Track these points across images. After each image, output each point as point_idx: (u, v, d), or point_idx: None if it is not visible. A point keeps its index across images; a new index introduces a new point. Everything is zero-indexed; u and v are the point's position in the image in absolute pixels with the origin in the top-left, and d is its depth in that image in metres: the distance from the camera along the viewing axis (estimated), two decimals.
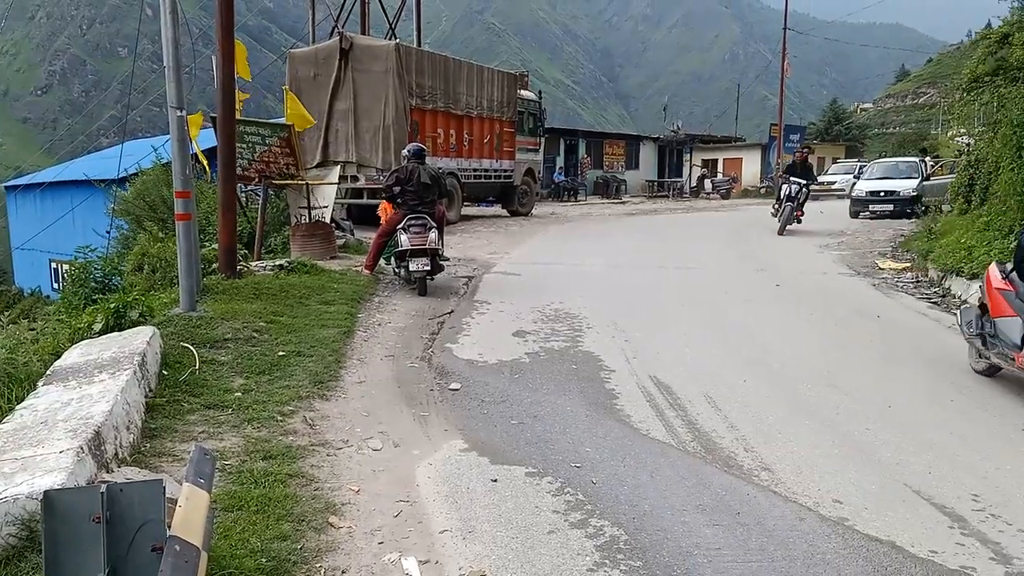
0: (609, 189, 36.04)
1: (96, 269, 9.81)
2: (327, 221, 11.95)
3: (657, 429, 4.98)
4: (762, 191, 37.10)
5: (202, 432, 4.59)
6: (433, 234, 9.12)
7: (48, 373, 4.74)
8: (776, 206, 16.97)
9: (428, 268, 9.13)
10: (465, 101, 18.07)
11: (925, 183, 19.76)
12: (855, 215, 20.09)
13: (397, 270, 9.66)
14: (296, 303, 7.92)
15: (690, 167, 41.26)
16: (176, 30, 7.19)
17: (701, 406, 5.40)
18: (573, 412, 5.27)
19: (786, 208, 16.06)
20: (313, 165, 15.44)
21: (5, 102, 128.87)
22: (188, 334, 6.35)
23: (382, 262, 10.22)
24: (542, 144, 23.35)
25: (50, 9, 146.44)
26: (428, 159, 10.11)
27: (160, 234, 11.56)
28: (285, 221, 12.73)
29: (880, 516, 3.76)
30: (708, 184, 37.71)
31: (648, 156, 41.93)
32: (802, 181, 16.21)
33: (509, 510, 3.80)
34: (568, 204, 30.45)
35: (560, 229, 18.67)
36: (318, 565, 3.26)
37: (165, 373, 5.39)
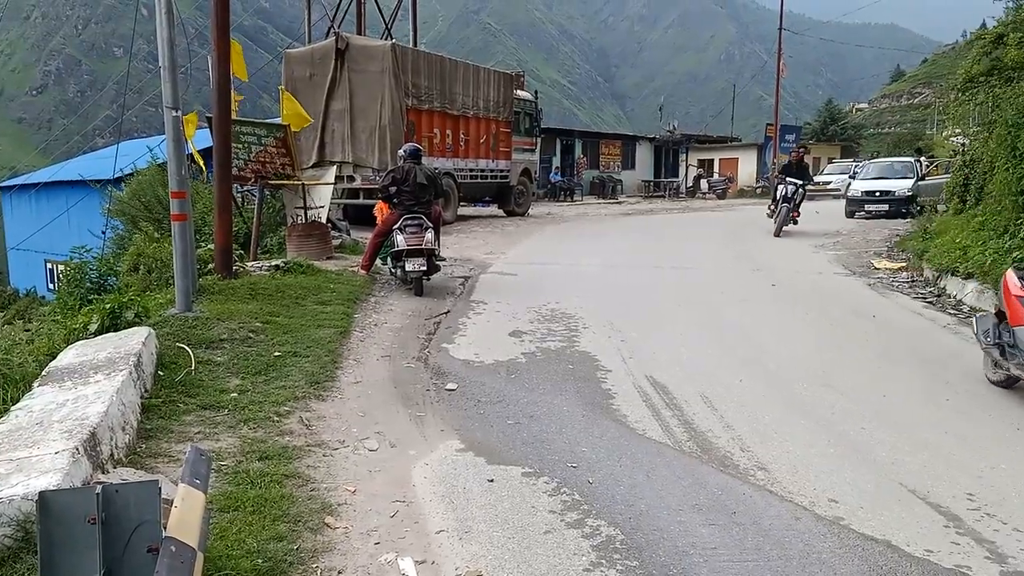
0: (605, 189, 36.06)
1: (92, 269, 9.80)
2: (323, 221, 11.94)
3: (653, 429, 4.99)
4: (758, 191, 37.19)
5: (198, 433, 4.59)
6: (429, 234, 9.12)
7: (43, 374, 4.72)
8: (772, 207, 16.58)
9: (424, 268, 9.12)
10: (461, 101, 18.06)
11: (920, 183, 19.82)
12: (851, 215, 20.14)
13: (393, 270, 9.65)
14: (292, 303, 7.91)
15: (686, 167, 41.34)
16: (172, 30, 7.18)
17: (697, 406, 5.41)
18: (569, 412, 5.28)
19: (782, 209, 15.70)
20: (309, 165, 15.44)
21: (0, 102, 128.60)
22: (184, 335, 6.34)
23: (378, 262, 10.20)
24: (538, 144, 23.34)
25: (45, 9, 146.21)
26: (424, 159, 10.11)
27: (156, 234, 11.56)
28: (281, 221, 12.72)
29: (876, 515, 3.77)
30: (704, 184, 37.78)
31: (644, 156, 41.97)
32: (798, 181, 15.85)
33: (505, 510, 3.81)
34: (564, 204, 30.45)
35: (556, 229, 18.67)
36: (314, 566, 3.26)
37: (161, 374, 5.38)
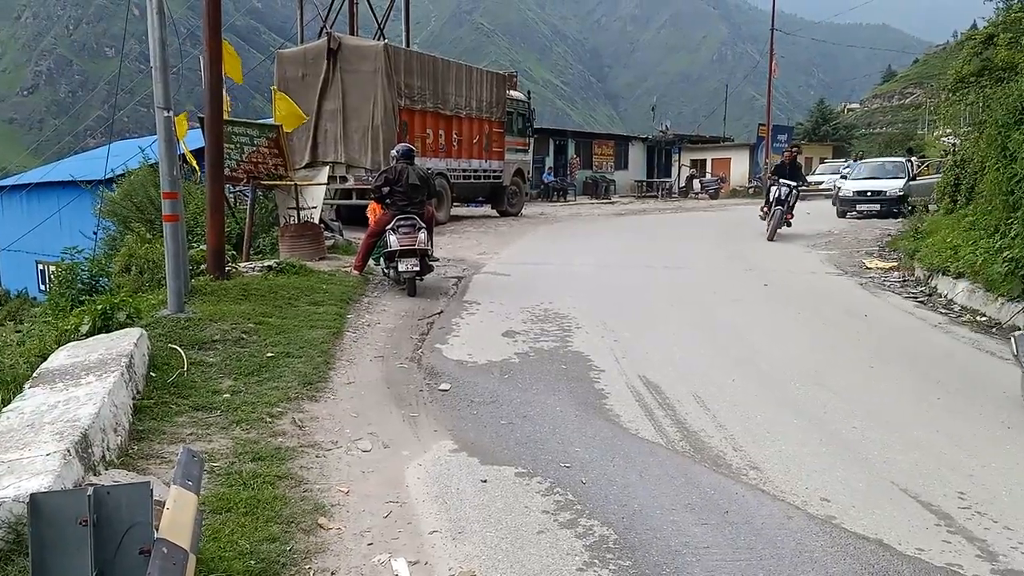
0: (598, 189, 36.12)
1: (83, 270, 9.76)
2: (316, 222, 11.92)
3: (646, 429, 4.99)
4: (750, 191, 37.30)
5: (190, 434, 4.58)
6: (422, 235, 9.11)
7: (35, 375, 4.71)
8: (765, 209, 16.07)
9: (417, 269, 9.12)
10: (454, 101, 18.06)
11: (912, 183, 19.91)
12: (842, 215, 20.22)
13: (386, 271, 9.64)
14: (285, 304, 7.90)
15: (679, 167, 41.41)
16: (163, 30, 7.16)
17: (690, 405, 5.42)
18: (563, 412, 5.28)
19: (775, 212, 15.25)
20: (302, 166, 15.42)
21: None
22: (176, 336, 6.33)
23: (371, 263, 10.19)
24: (531, 144, 23.36)
25: (36, 9, 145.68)
26: (417, 159, 10.10)
27: (148, 235, 11.51)
28: (274, 222, 12.70)
29: (867, 514, 3.78)
30: (697, 184, 37.88)
31: (637, 156, 42.06)
32: (792, 183, 15.40)
33: (499, 510, 3.81)
34: (557, 204, 30.47)
35: (549, 229, 18.68)
36: (307, 567, 3.25)
37: (153, 375, 5.37)
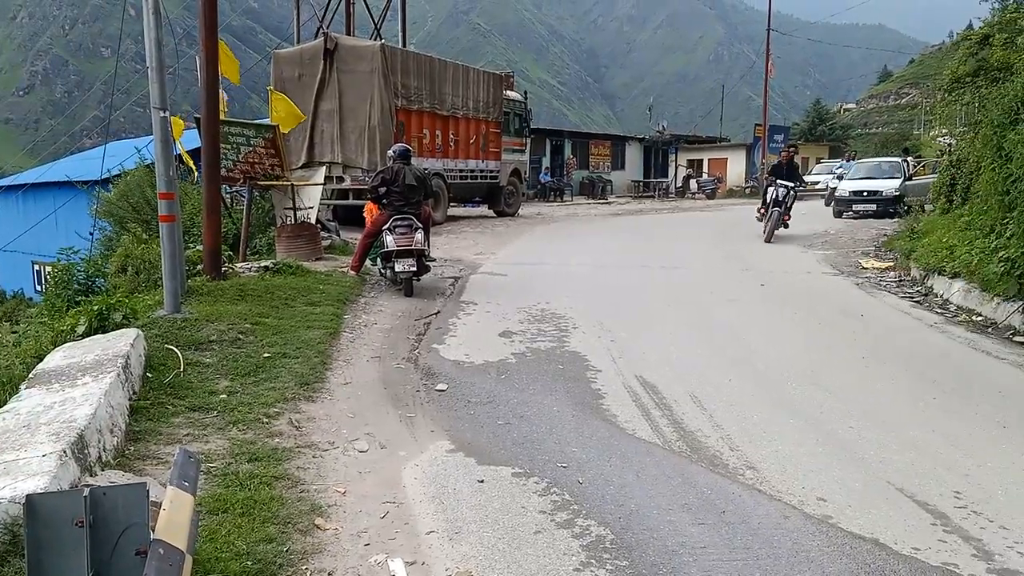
0: (595, 189, 36.13)
1: (79, 271, 9.76)
2: (313, 222, 11.91)
3: (643, 429, 5.00)
4: (747, 191, 37.35)
5: (187, 435, 4.57)
6: (419, 235, 9.11)
7: (30, 376, 4.70)
8: (762, 210, 15.75)
9: (414, 269, 9.12)
10: (451, 102, 18.06)
11: (907, 183, 19.94)
12: (838, 215, 20.26)
13: (383, 271, 9.64)
14: (282, 304, 7.89)
15: (675, 167, 41.45)
16: (159, 30, 7.15)
17: (687, 405, 5.42)
18: (559, 412, 5.28)
19: (773, 214, 14.90)
20: (298, 166, 15.41)
21: None
22: (172, 336, 6.32)
23: (368, 263, 10.19)
24: (528, 145, 23.36)
25: (32, 9, 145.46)
26: (414, 160, 10.10)
27: (144, 235, 11.50)
28: (270, 222, 12.68)
29: (863, 514, 3.79)
30: (693, 184, 37.91)
31: (634, 156, 42.08)
32: (789, 184, 15.05)
33: (496, 511, 3.81)
34: (554, 204, 30.48)
35: (546, 229, 18.69)
36: (304, 567, 3.25)
37: (149, 376, 5.36)
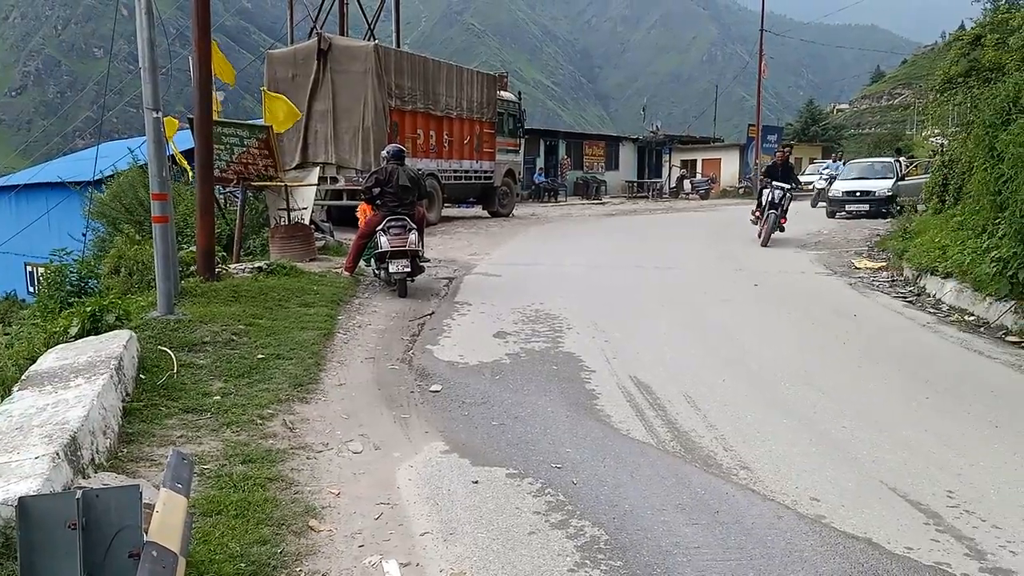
0: (589, 190, 36.17)
1: (72, 272, 9.72)
2: (307, 223, 11.90)
3: (637, 429, 5.00)
4: (741, 191, 37.46)
5: (180, 436, 4.56)
6: (413, 236, 9.11)
7: (23, 378, 4.68)
8: (756, 213, 15.17)
9: (408, 270, 9.11)
10: (445, 102, 18.06)
11: (900, 183, 20.03)
12: (831, 215, 20.34)
13: (377, 272, 9.63)
14: (275, 305, 7.88)
15: (669, 168, 41.52)
16: (152, 30, 7.12)
17: (680, 406, 5.43)
18: (554, 413, 5.28)
19: (769, 216, 14.40)
20: (292, 166, 15.38)
21: None
22: (166, 338, 6.30)
23: (362, 264, 10.18)
24: (522, 145, 23.37)
25: (24, 9, 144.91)
26: (408, 160, 10.10)
27: (137, 236, 11.47)
28: (264, 223, 12.67)
29: (856, 513, 3.80)
30: (687, 185, 38.01)
31: (628, 157, 42.15)
32: (786, 186, 14.55)
33: (490, 511, 3.81)
34: (548, 205, 30.50)
35: (540, 230, 18.70)
36: (298, 569, 3.24)
37: (143, 377, 5.34)
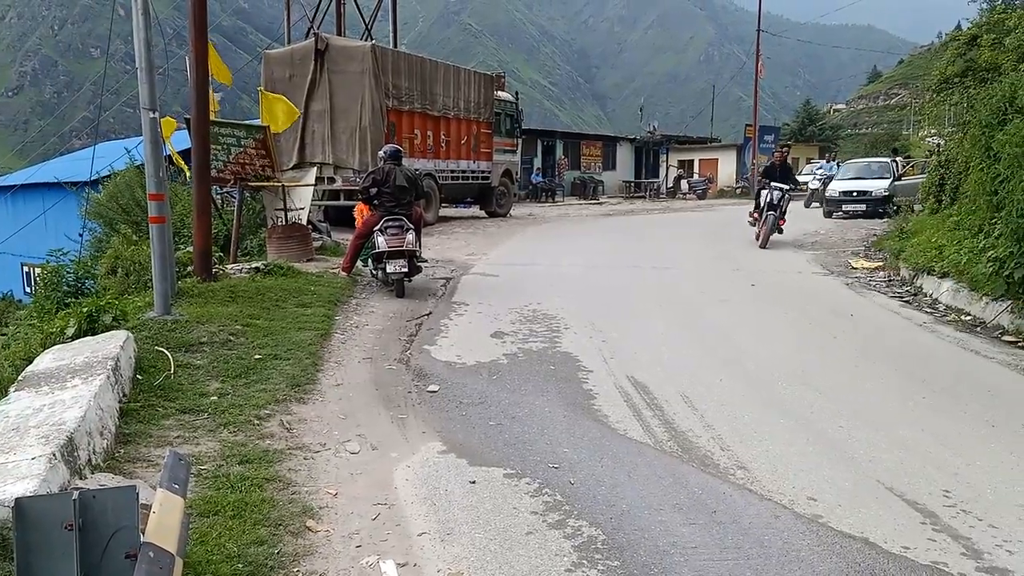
0: (586, 190, 36.20)
1: (68, 273, 9.72)
2: (304, 223, 11.89)
3: (634, 429, 5.01)
4: (738, 191, 37.53)
5: (177, 437, 4.55)
6: (410, 236, 9.10)
7: (20, 379, 4.67)
8: (754, 214, 14.85)
9: (406, 270, 9.11)
10: (442, 102, 18.05)
11: (897, 183, 20.07)
12: (828, 215, 20.38)
13: (374, 272, 9.62)
14: (273, 306, 7.87)
15: (666, 168, 41.56)
16: (148, 30, 7.11)
17: (678, 406, 5.43)
18: (551, 413, 5.28)
19: (768, 218, 14.05)
20: (289, 167, 15.37)
21: None
22: (163, 338, 6.29)
23: (359, 264, 10.17)
24: (519, 145, 23.39)
25: (21, 9, 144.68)
26: (405, 160, 10.10)
27: (134, 237, 11.46)
28: (261, 223, 12.66)
29: (853, 513, 3.81)
30: (684, 185, 38.06)
31: (625, 157, 42.18)
32: (784, 186, 14.23)
33: (487, 512, 3.81)
34: (546, 205, 30.51)
35: (538, 230, 18.70)
36: (295, 569, 3.24)
37: (139, 378, 5.34)
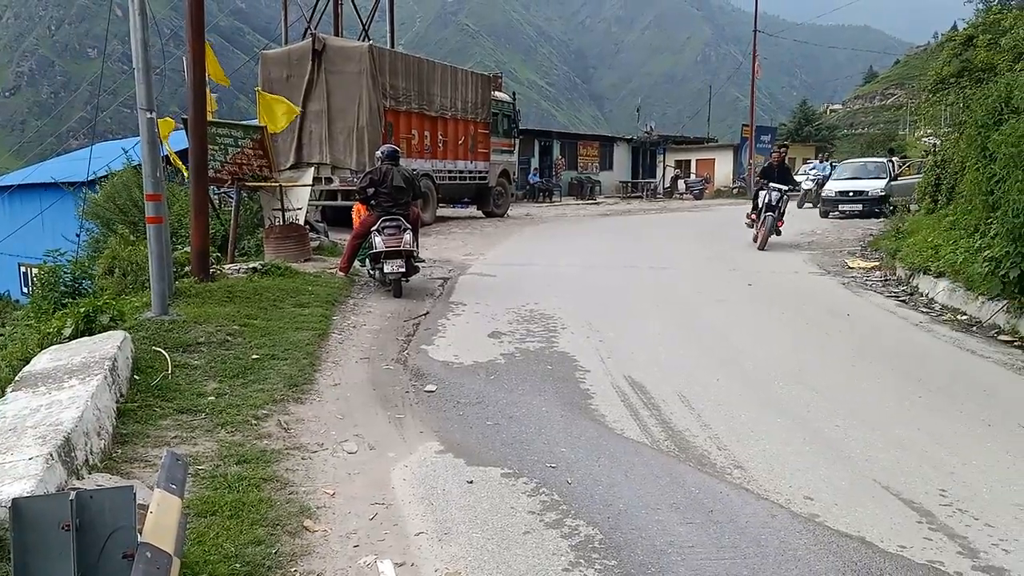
0: (583, 190, 36.20)
1: (66, 273, 9.71)
2: (301, 223, 11.88)
3: (631, 428, 5.01)
4: (735, 191, 37.58)
5: (175, 437, 4.55)
6: (408, 236, 9.10)
7: (17, 379, 4.66)
8: (752, 215, 14.62)
9: (403, 270, 9.11)
10: (439, 102, 18.05)
11: (893, 183, 20.12)
12: (825, 215, 20.42)
13: (372, 272, 9.62)
14: (270, 306, 7.87)
15: (663, 168, 41.57)
16: (145, 31, 7.11)
17: (675, 405, 5.44)
18: (548, 412, 5.29)
19: (767, 219, 13.82)
20: (287, 167, 15.36)
21: None
22: (160, 338, 6.29)
23: (357, 264, 10.17)
24: (516, 145, 23.39)
25: (18, 10, 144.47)
26: (402, 160, 10.09)
27: (131, 237, 11.45)
28: (259, 223, 12.65)
29: (850, 512, 3.82)
30: (681, 185, 38.07)
31: (622, 157, 42.18)
32: (783, 187, 13.98)
33: (485, 511, 3.81)
34: (543, 205, 30.52)
35: (535, 230, 18.71)
36: (293, 569, 3.24)
37: (137, 378, 5.33)
